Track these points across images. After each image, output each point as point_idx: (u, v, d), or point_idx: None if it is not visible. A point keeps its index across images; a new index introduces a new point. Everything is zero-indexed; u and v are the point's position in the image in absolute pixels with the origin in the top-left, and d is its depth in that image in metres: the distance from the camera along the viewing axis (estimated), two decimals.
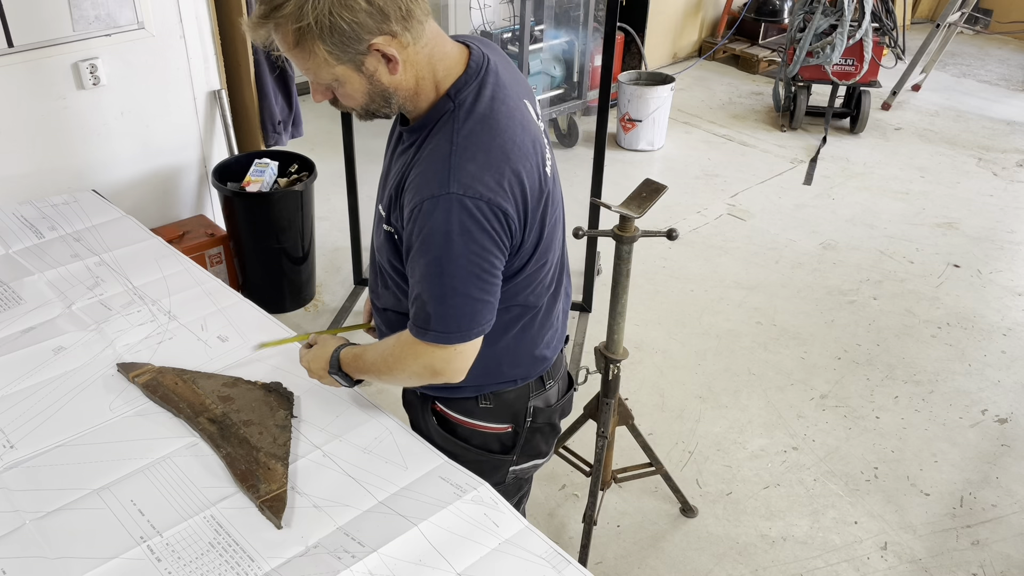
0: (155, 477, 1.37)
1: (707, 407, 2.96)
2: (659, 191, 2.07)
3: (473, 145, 1.26)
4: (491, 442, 1.56)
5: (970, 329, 3.41)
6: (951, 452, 2.80)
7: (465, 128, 1.27)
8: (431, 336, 1.31)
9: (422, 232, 1.25)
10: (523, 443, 1.58)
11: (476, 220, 1.24)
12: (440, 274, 1.27)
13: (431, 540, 1.27)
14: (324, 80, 1.26)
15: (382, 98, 1.29)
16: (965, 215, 4.29)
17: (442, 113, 1.30)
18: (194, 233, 3.09)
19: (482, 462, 1.55)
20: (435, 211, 1.23)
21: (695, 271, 3.76)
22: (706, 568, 2.37)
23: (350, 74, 1.24)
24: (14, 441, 1.43)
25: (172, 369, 1.59)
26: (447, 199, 1.23)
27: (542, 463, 1.65)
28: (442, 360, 1.33)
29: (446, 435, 1.55)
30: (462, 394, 1.51)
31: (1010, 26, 6.79)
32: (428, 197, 1.24)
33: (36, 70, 2.60)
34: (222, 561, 1.23)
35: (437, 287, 1.27)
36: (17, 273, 1.88)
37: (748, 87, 5.86)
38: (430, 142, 1.29)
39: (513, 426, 1.55)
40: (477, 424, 1.54)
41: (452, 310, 1.29)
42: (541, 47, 4.41)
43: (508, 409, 1.53)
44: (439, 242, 1.24)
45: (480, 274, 1.28)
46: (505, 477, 1.60)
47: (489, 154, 1.27)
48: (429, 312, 1.29)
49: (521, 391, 1.53)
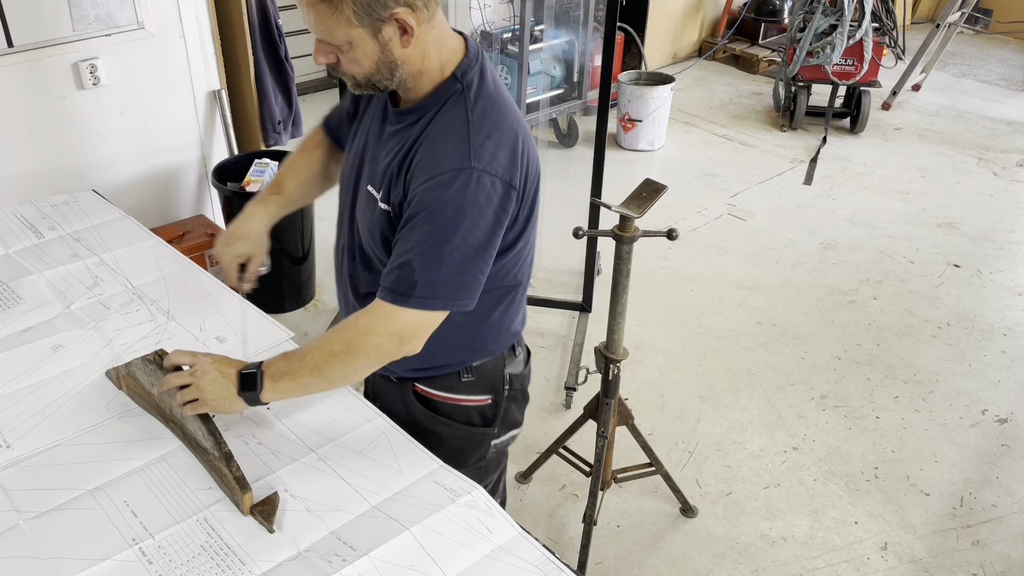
0: (149, 479, 1.37)
1: (707, 407, 2.96)
2: (659, 191, 2.07)
3: (488, 124, 1.32)
4: (473, 416, 1.60)
5: (970, 329, 3.41)
6: (951, 452, 2.79)
7: (478, 108, 1.33)
8: (413, 302, 1.31)
9: (435, 201, 1.28)
10: (502, 414, 1.62)
11: (490, 197, 1.30)
12: (443, 243, 1.29)
13: (423, 544, 1.26)
14: (338, 40, 1.27)
15: (388, 69, 1.31)
16: (965, 215, 4.29)
17: (450, 93, 1.35)
18: (194, 233, 3.09)
19: (466, 438, 1.60)
20: (454, 183, 1.28)
21: (695, 271, 3.75)
22: (706, 568, 2.36)
23: (365, 39, 1.26)
24: (11, 441, 1.43)
25: (130, 374, 1.54)
26: (468, 172, 1.28)
27: (518, 433, 1.71)
28: (414, 327, 1.34)
29: (430, 414, 1.57)
30: (445, 371, 1.54)
31: (1010, 26, 6.78)
32: (448, 170, 1.28)
33: (36, 70, 2.60)
34: (213, 564, 1.22)
35: (436, 255, 1.30)
36: (17, 273, 1.88)
37: (748, 87, 5.86)
38: (440, 120, 1.33)
39: (492, 396, 1.59)
40: (460, 399, 1.57)
41: (443, 278, 1.31)
42: (541, 47, 4.41)
43: (487, 380, 1.57)
44: (451, 212, 1.28)
45: (479, 251, 1.32)
46: (487, 451, 1.64)
47: (502, 131, 1.33)
48: (416, 279, 1.30)
49: (497, 361, 1.58)
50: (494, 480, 1.73)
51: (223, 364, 1.39)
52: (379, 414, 1.52)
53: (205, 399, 1.37)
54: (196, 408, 1.37)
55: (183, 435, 1.43)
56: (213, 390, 1.37)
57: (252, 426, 1.48)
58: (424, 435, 1.54)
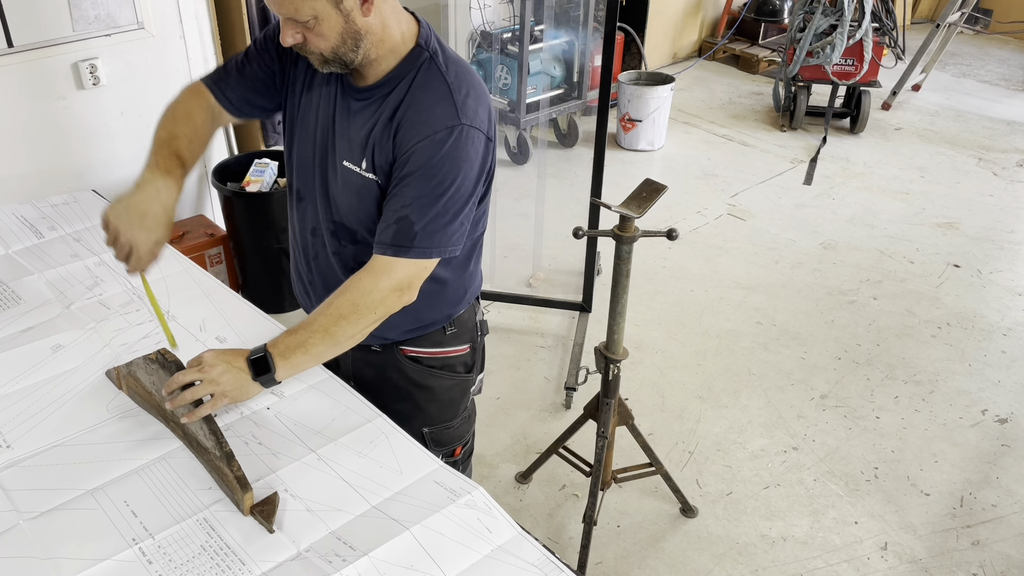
0: (149, 478, 1.37)
1: (707, 407, 2.96)
2: (659, 191, 2.07)
3: (465, 84, 1.42)
4: (457, 365, 1.72)
5: (970, 329, 3.41)
6: (951, 452, 2.79)
7: (451, 71, 1.43)
8: (413, 252, 1.42)
9: (432, 158, 1.38)
10: (478, 359, 1.78)
11: (476, 150, 1.41)
12: (441, 195, 1.40)
13: (423, 544, 1.26)
14: (304, 16, 1.33)
15: (353, 40, 1.37)
16: (965, 215, 4.29)
17: (420, 61, 1.43)
18: (194, 233, 3.09)
19: (455, 387, 1.73)
20: (448, 139, 1.38)
21: (695, 271, 3.75)
22: (706, 568, 2.36)
23: (329, 10, 1.32)
24: (11, 441, 1.43)
25: (131, 374, 1.54)
26: (460, 129, 1.38)
27: (483, 376, 1.86)
28: (414, 276, 1.45)
29: (423, 368, 1.68)
30: (432, 328, 1.65)
31: (1010, 26, 6.78)
32: (441, 128, 1.38)
33: (36, 70, 2.60)
34: (213, 564, 1.22)
35: (435, 206, 1.40)
36: (17, 273, 1.88)
37: (748, 87, 5.86)
38: (419, 86, 1.41)
39: (471, 344, 1.73)
40: (446, 351, 1.69)
41: (440, 228, 1.42)
42: (541, 47, 4.41)
43: (465, 329, 1.71)
44: (448, 167, 1.38)
45: (468, 199, 1.44)
46: (469, 398, 1.80)
47: (477, 90, 1.44)
48: (416, 231, 1.40)
49: (471, 310, 1.72)
50: (473, 429, 1.87)
51: (227, 355, 1.42)
52: (379, 414, 1.52)
53: (223, 391, 1.39)
54: (216, 403, 1.38)
55: (183, 435, 1.43)
56: (228, 380, 1.40)
57: (252, 426, 1.48)
58: (420, 391, 1.69)
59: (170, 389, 1.39)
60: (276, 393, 1.54)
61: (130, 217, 1.44)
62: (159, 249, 1.48)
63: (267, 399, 1.52)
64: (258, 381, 1.43)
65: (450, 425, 1.77)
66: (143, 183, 1.47)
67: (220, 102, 1.58)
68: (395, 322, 1.54)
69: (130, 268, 1.48)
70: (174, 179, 1.49)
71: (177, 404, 1.38)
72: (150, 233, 1.45)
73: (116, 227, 1.44)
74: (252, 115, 1.65)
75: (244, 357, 1.42)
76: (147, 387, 1.47)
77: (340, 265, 1.59)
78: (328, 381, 1.58)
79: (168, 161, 1.50)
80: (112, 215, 1.45)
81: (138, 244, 1.44)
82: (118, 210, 1.45)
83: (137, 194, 1.46)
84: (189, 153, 1.54)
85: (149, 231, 1.45)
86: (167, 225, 1.48)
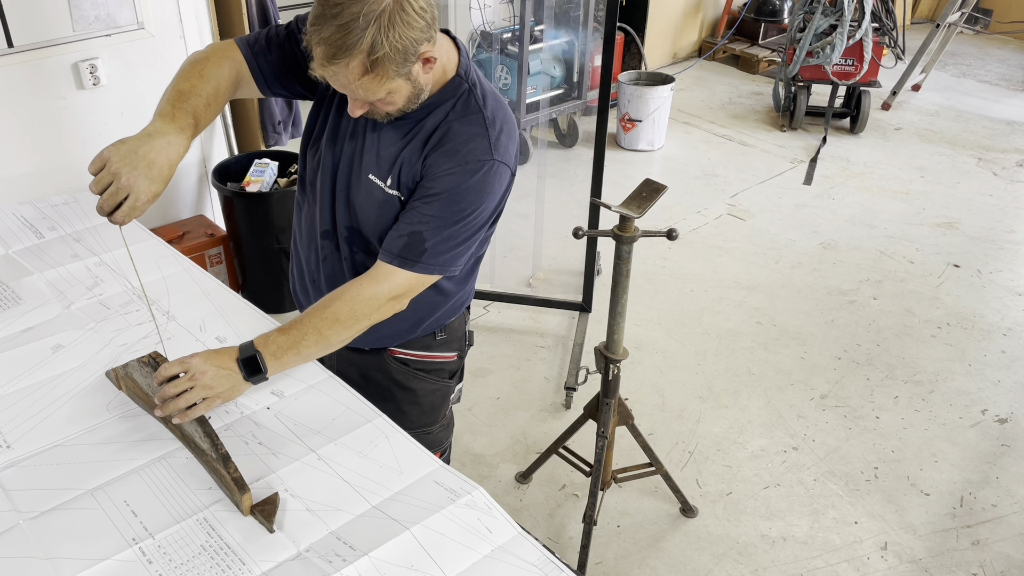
0: (149, 479, 1.37)
1: (707, 407, 2.96)
2: (659, 191, 2.07)
3: (499, 119, 1.47)
4: (442, 371, 1.76)
5: (970, 329, 3.41)
6: (951, 452, 2.79)
7: (488, 106, 1.47)
8: (418, 267, 1.46)
9: (459, 186, 1.42)
10: (462, 367, 1.82)
11: (502, 184, 1.47)
12: (458, 221, 1.44)
13: (423, 544, 1.26)
14: (378, 96, 1.34)
15: (416, 97, 1.40)
16: (965, 215, 4.29)
17: (459, 91, 1.46)
18: (194, 233, 3.09)
19: (437, 391, 1.76)
20: (478, 172, 1.42)
21: (695, 271, 3.75)
22: (706, 568, 2.36)
23: (401, 84, 1.34)
24: (11, 441, 1.43)
25: (128, 375, 1.54)
26: (491, 164, 1.43)
27: (462, 386, 1.89)
28: (411, 288, 1.49)
29: (409, 370, 1.71)
30: (423, 332, 1.68)
31: (1010, 26, 6.78)
32: (474, 160, 1.42)
33: (36, 70, 2.60)
34: (213, 564, 1.22)
35: (449, 229, 1.45)
36: (17, 273, 1.88)
37: (748, 87, 5.86)
38: (457, 116, 1.44)
39: (458, 353, 1.77)
40: (434, 356, 1.72)
41: (449, 249, 1.47)
42: (541, 47, 4.41)
43: (455, 337, 1.74)
44: (471, 197, 1.43)
45: (482, 227, 1.50)
46: (449, 406, 1.83)
47: (509, 126, 1.49)
48: (426, 247, 1.44)
49: (461, 319, 1.75)
50: (451, 440, 1.90)
51: (216, 359, 1.43)
52: (379, 414, 1.52)
53: (216, 393, 1.41)
54: (209, 404, 1.40)
55: (182, 436, 1.43)
56: (219, 384, 1.41)
57: (252, 426, 1.48)
58: (403, 392, 1.72)
59: (162, 397, 1.39)
60: (276, 393, 1.54)
61: (136, 162, 1.33)
62: (150, 204, 1.37)
63: (267, 399, 1.52)
64: (250, 382, 1.46)
65: (429, 431, 1.78)
66: (154, 132, 1.37)
67: (253, 74, 1.52)
68: (394, 330, 1.61)
69: (118, 217, 1.34)
70: (185, 137, 1.40)
71: (168, 412, 1.38)
72: (152, 184, 1.34)
73: (118, 169, 1.32)
74: (278, 94, 1.59)
75: (234, 358, 1.44)
76: (143, 388, 1.47)
77: (351, 270, 1.61)
78: (328, 381, 1.58)
79: (184, 118, 1.42)
80: (116, 156, 1.33)
81: (139, 192, 1.32)
82: (123, 151, 1.34)
83: (147, 142, 1.36)
84: (205, 115, 1.46)
85: (152, 181, 1.34)
86: (167, 181, 1.37)
